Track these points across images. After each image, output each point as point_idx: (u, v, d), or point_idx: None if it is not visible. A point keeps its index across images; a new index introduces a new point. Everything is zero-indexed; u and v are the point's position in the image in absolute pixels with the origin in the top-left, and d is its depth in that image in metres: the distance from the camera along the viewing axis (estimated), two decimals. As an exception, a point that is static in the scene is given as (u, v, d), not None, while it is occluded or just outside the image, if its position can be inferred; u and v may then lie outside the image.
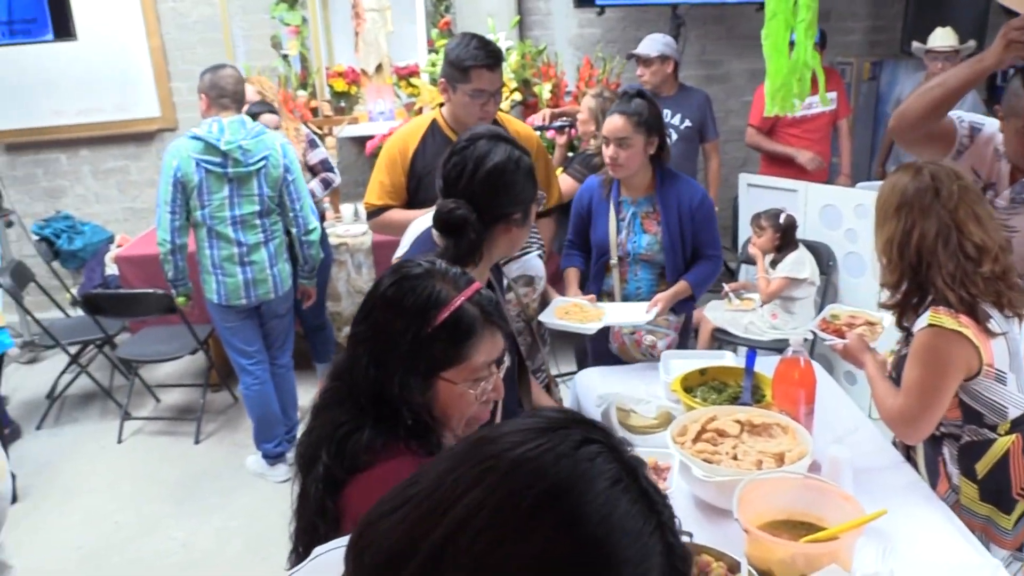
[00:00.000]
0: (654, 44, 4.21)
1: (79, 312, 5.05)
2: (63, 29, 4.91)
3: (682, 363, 2.54)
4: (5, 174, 5.55)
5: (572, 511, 0.61)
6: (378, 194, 2.91)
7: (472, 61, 2.69)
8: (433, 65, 4.69)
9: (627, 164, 2.78)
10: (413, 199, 2.88)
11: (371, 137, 4.65)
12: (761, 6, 5.05)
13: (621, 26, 5.53)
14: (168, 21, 5.52)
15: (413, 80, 4.92)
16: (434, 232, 1.92)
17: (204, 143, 3.35)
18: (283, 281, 3.65)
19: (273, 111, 4.11)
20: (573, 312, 2.73)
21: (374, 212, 2.93)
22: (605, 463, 0.65)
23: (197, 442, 4.21)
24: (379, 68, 4.94)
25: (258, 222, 3.51)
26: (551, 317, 2.70)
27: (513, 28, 5.04)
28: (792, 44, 2.27)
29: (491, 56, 2.72)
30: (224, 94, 3.39)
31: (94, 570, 3.28)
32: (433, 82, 4.73)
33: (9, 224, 5.27)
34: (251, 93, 4.03)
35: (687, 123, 4.27)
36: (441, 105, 2.94)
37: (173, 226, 3.43)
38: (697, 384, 2.40)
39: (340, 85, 4.90)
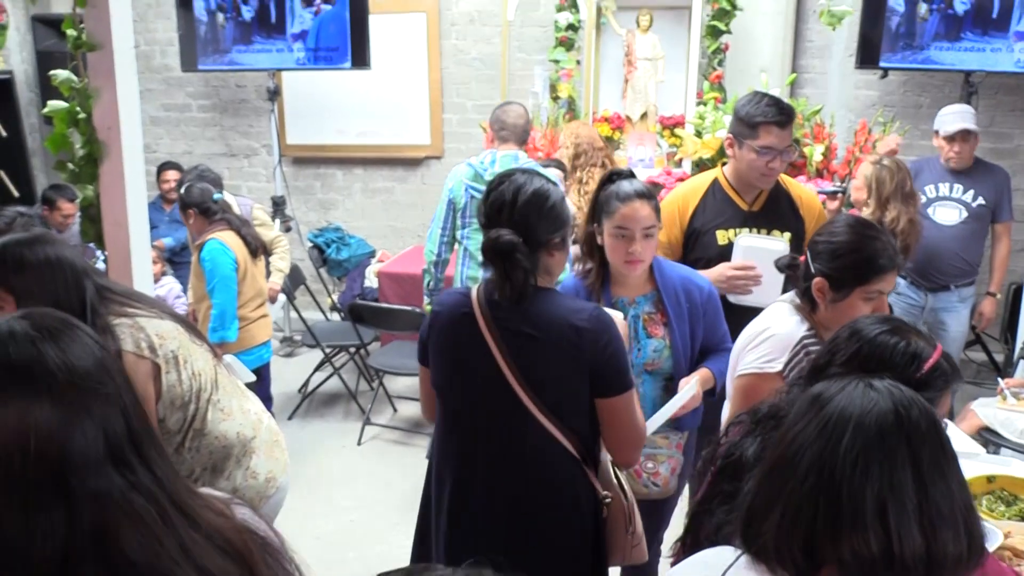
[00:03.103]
0: (963, 116, 3.89)
1: (335, 316, 5.48)
2: (360, 59, 5.37)
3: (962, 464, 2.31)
4: (290, 184, 6.15)
5: None
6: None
7: (762, 117, 2.67)
8: (701, 118, 4.67)
9: (648, 259, 2.35)
10: (686, 255, 2.85)
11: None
12: (1070, 78, 4.65)
13: (901, 90, 5.23)
14: (449, 57, 5.90)
15: (677, 131, 4.93)
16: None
17: (475, 171, 3.56)
18: None
19: (563, 168, 4.10)
20: None
21: None
22: None
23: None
24: (644, 116, 4.99)
25: None
26: None
27: (788, 85, 4.92)
28: None
29: (782, 113, 2.70)
30: (504, 127, 3.61)
31: (331, 561, 3.49)
32: (698, 134, 4.71)
33: (287, 229, 5.83)
34: (563, 138, 4.21)
35: (980, 200, 3.92)
36: (723, 164, 2.92)
37: (441, 241, 3.70)
38: (983, 492, 2.18)
39: (604, 130, 4.99)
